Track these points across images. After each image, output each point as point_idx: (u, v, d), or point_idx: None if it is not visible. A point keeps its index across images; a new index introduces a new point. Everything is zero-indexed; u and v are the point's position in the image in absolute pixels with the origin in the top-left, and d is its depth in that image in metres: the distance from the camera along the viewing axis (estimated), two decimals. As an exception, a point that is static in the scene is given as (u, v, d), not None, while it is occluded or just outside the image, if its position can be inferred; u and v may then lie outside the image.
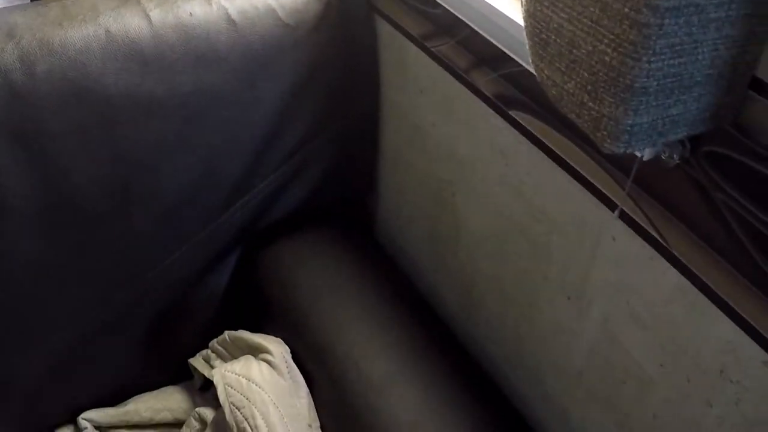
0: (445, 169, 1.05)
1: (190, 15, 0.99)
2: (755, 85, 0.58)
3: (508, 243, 0.96)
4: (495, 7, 0.84)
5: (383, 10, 1.09)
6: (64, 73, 0.93)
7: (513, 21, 0.82)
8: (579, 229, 0.81)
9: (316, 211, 1.24)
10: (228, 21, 1.01)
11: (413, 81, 1.07)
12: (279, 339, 1.10)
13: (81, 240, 1.03)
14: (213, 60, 1.00)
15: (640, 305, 0.76)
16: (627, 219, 0.72)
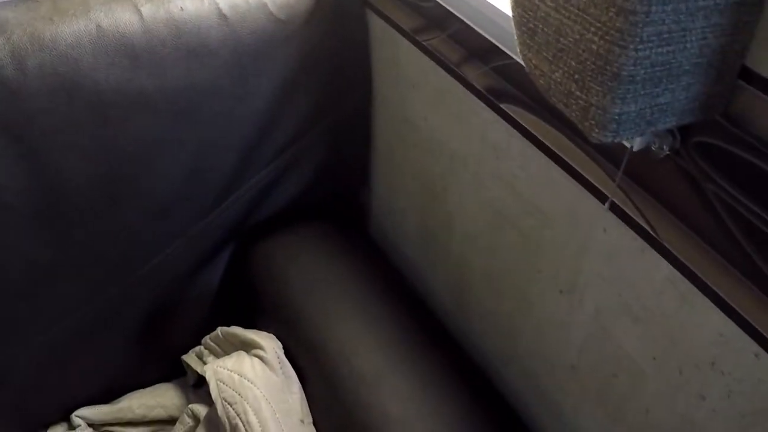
0: (438, 164, 1.05)
1: (181, 10, 0.99)
2: (745, 75, 0.57)
3: (500, 237, 0.95)
4: (486, 0, 0.84)
5: (375, 4, 1.08)
6: (55, 68, 0.92)
7: (503, 13, 0.82)
8: (570, 222, 0.81)
9: (308, 207, 1.24)
10: (219, 16, 1.01)
11: (405, 75, 1.07)
12: (271, 335, 1.10)
13: (72, 235, 1.03)
14: (204, 55, 1.00)
15: (631, 298, 0.75)
16: (618, 211, 0.72)
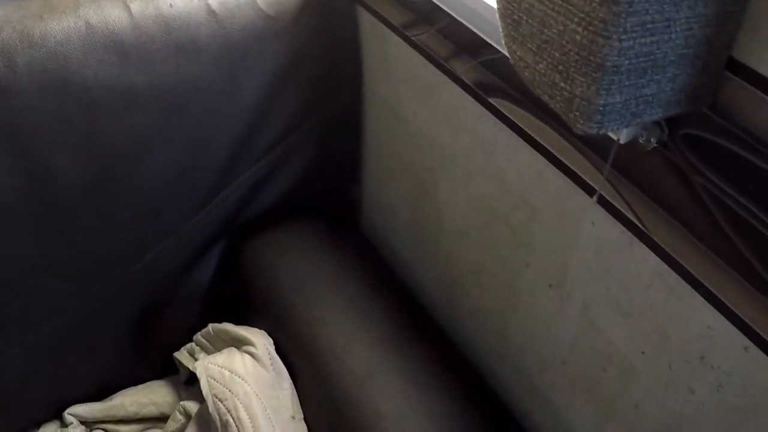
0: (428, 158, 1.05)
1: (170, 6, 0.99)
2: (732, 66, 0.57)
3: (490, 231, 0.95)
4: (474, -6, 0.84)
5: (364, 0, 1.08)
6: (44, 65, 0.92)
7: (492, 8, 0.82)
8: (559, 216, 0.81)
9: (299, 203, 1.24)
10: (208, 12, 1.00)
11: (395, 70, 1.06)
12: (262, 331, 1.10)
13: (62, 232, 1.02)
14: (193, 51, 1.00)
15: (620, 291, 0.75)
16: (606, 204, 0.72)
